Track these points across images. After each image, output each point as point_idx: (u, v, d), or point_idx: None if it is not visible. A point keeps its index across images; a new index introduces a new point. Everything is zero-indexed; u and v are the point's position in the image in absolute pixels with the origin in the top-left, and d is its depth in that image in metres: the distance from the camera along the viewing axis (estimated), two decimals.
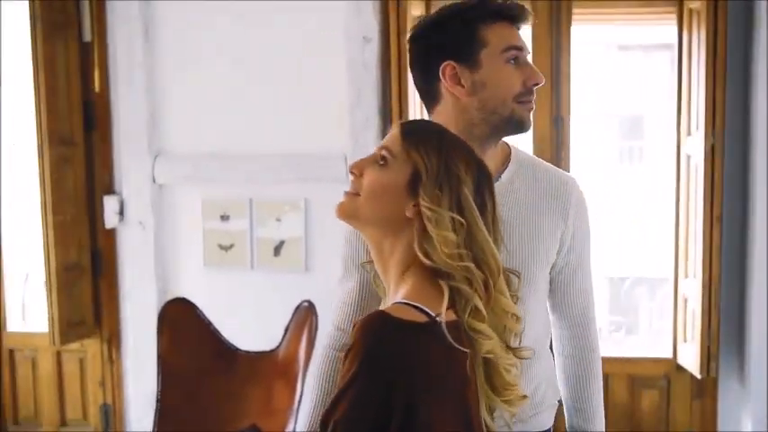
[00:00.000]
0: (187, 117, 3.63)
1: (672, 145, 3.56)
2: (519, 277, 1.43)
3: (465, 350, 1.31)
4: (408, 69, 3.36)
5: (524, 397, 1.40)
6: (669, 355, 3.62)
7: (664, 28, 4.19)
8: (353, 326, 1.31)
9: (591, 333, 1.77)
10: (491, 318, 1.36)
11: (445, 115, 1.62)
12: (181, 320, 3.25)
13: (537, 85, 1.63)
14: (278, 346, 3.35)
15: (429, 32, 1.64)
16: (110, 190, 3.73)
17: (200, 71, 3.58)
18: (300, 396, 3.24)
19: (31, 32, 3.49)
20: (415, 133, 1.41)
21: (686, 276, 3.49)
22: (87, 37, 3.69)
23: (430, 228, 1.34)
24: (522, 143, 2.03)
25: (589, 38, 7.75)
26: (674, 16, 3.45)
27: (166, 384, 3.15)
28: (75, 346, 3.83)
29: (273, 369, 3.33)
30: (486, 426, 1.38)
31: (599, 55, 8.96)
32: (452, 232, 1.33)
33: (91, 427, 3.94)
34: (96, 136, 3.75)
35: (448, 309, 1.32)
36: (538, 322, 1.70)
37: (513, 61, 1.60)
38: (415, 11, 3.31)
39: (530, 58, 1.67)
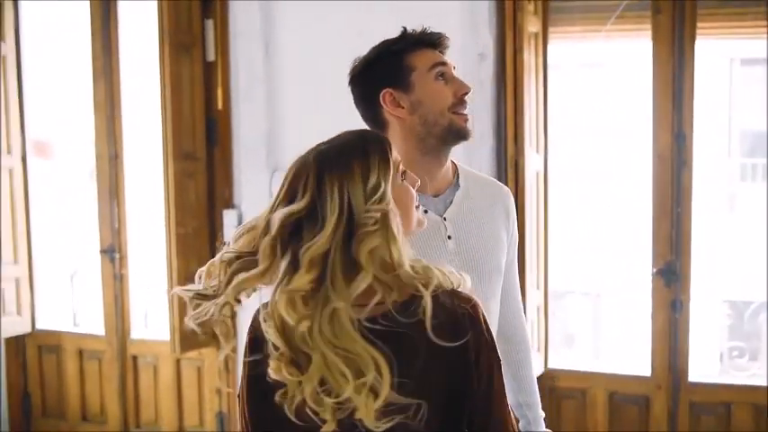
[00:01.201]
0: (304, 133, 3.68)
1: None
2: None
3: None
4: (524, 86, 3.35)
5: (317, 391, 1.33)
6: None
7: None
8: None
9: (524, 325, 2.05)
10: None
11: (396, 138, 1.82)
12: None
13: (466, 94, 1.84)
14: None
15: (366, 70, 1.90)
16: (229, 204, 3.86)
17: (318, 88, 3.65)
18: None
19: (160, 53, 3.66)
20: None
21: None
22: (211, 56, 3.83)
23: None
24: (640, 160, 2.03)
25: (711, 52, 7.49)
26: None
27: None
28: (193, 354, 3.96)
29: None
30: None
31: (721, 69, 8.64)
32: None
33: None
34: (218, 151, 3.89)
35: None
36: (495, 321, 1.92)
37: (441, 77, 1.83)
38: (532, 27, 3.29)
39: (456, 72, 1.88)
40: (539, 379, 3.54)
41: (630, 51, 7.18)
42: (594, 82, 8.93)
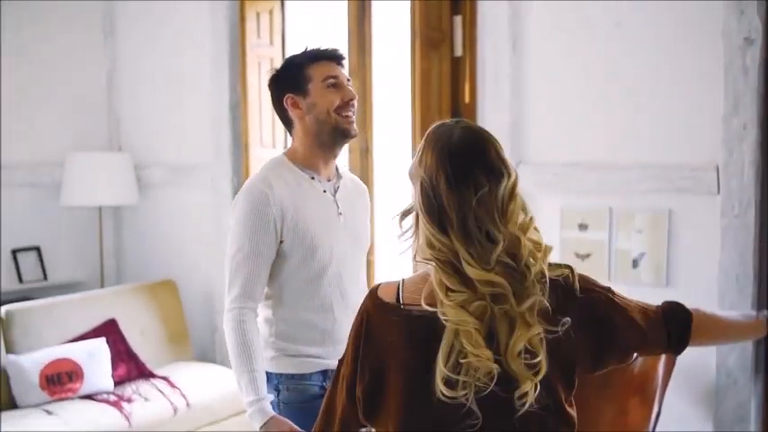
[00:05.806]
0: (549, 126, 3.68)
1: None
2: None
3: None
4: None
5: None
6: None
7: None
8: None
9: None
10: None
11: (300, 133, 2.38)
12: None
13: (352, 99, 2.34)
14: (633, 361, 3.25)
15: (275, 78, 2.40)
16: None
17: (563, 82, 3.61)
18: (657, 416, 3.12)
19: (411, 49, 3.79)
20: None
21: None
22: (458, 52, 3.91)
23: None
24: None
25: None
26: None
27: None
28: None
29: (628, 384, 3.24)
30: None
31: None
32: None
33: None
34: None
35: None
36: (364, 289, 2.38)
37: (332, 86, 2.33)
38: None
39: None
40: None
41: None
42: None
